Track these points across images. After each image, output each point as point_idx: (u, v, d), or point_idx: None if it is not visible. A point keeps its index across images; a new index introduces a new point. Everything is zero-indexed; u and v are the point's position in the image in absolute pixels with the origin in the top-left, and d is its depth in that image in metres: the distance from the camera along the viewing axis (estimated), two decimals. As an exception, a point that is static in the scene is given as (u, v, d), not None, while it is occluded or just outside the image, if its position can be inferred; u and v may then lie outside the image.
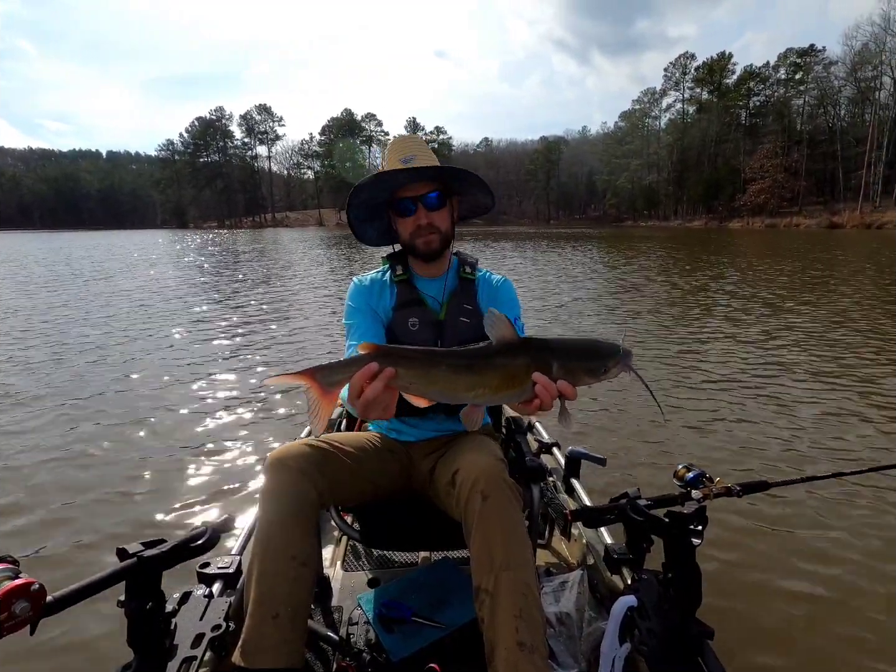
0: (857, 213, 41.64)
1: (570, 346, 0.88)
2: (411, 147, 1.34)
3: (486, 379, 0.85)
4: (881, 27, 44.92)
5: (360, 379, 0.82)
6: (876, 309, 7.44)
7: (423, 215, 1.31)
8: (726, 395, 3.99)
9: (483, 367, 0.85)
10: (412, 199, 1.30)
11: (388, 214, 1.40)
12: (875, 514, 2.39)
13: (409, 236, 1.34)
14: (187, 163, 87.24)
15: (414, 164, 1.29)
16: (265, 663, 0.96)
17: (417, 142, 1.39)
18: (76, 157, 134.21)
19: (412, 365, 0.84)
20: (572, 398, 0.86)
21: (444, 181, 1.34)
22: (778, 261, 15.10)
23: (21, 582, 0.78)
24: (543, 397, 0.85)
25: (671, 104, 70.79)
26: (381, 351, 0.84)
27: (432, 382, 0.85)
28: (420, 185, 1.30)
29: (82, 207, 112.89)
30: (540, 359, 0.85)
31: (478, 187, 1.38)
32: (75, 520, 2.45)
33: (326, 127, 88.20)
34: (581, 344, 0.89)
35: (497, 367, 0.85)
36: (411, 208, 1.31)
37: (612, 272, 13.04)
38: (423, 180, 1.30)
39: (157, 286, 11.08)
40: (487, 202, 1.45)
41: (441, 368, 0.84)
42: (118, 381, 4.57)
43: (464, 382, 0.85)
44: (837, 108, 52.50)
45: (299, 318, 7.43)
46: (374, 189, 1.32)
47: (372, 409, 0.84)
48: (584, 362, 0.86)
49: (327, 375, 0.85)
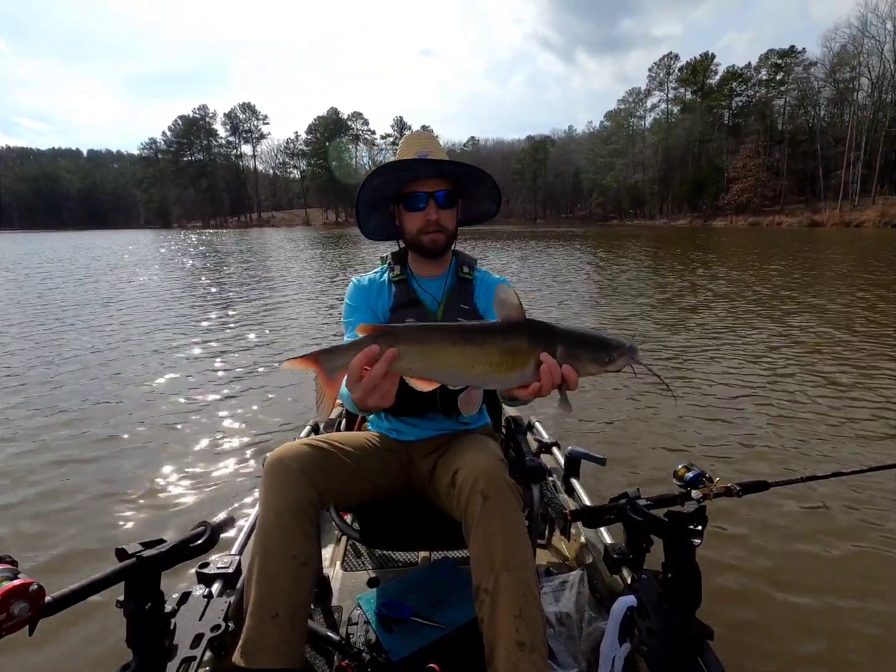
0: (837, 212, 42.36)
1: (577, 333, 0.86)
2: (427, 143, 1.35)
3: (488, 355, 0.82)
4: (858, 29, 45.88)
5: (360, 362, 0.79)
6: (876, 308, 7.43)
7: (433, 211, 1.30)
8: (726, 395, 3.99)
9: (485, 341, 0.82)
10: (425, 194, 1.29)
11: (393, 209, 1.39)
12: (875, 513, 2.39)
13: (416, 231, 1.33)
14: (171, 162, 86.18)
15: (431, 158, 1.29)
16: (265, 663, 0.95)
17: (433, 139, 1.39)
18: (55, 156, 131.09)
19: (413, 340, 0.81)
20: (573, 387, 0.83)
21: (456, 182, 1.34)
22: (767, 260, 15.20)
23: (20, 582, 0.77)
24: (545, 381, 0.81)
25: (656, 104, 71.66)
26: (381, 330, 0.81)
27: (434, 357, 0.82)
28: (433, 182, 1.30)
29: (63, 207, 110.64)
30: (544, 340, 0.82)
31: (487, 194, 1.39)
32: (75, 520, 2.44)
33: (312, 126, 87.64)
34: (588, 333, 0.87)
35: (500, 344, 0.82)
36: (422, 203, 1.30)
37: (602, 272, 13.06)
38: (439, 176, 1.30)
39: (150, 289, 10.93)
40: (491, 210, 1.45)
41: (443, 341, 0.82)
42: (118, 381, 4.55)
43: (465, 356, 0.82)
44: (817, 109, 53.45)
45: (300, 320, 7.41)
46: (389, 176, 1.30)
47: (371, 396, 0.82)
48: (590, 350, 0.84)
49: (329, 360, 0.84)
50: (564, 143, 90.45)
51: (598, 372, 0.85)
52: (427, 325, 0.86)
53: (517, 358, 0.82)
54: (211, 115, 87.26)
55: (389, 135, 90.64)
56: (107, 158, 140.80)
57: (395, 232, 1.45)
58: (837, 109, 50.74)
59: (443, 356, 0.82)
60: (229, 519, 1.17)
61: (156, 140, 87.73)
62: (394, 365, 0.80)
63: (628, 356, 0.83)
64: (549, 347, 0.82)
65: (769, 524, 2.33)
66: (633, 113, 73.97)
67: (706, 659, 1.01)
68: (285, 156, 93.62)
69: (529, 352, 0.82)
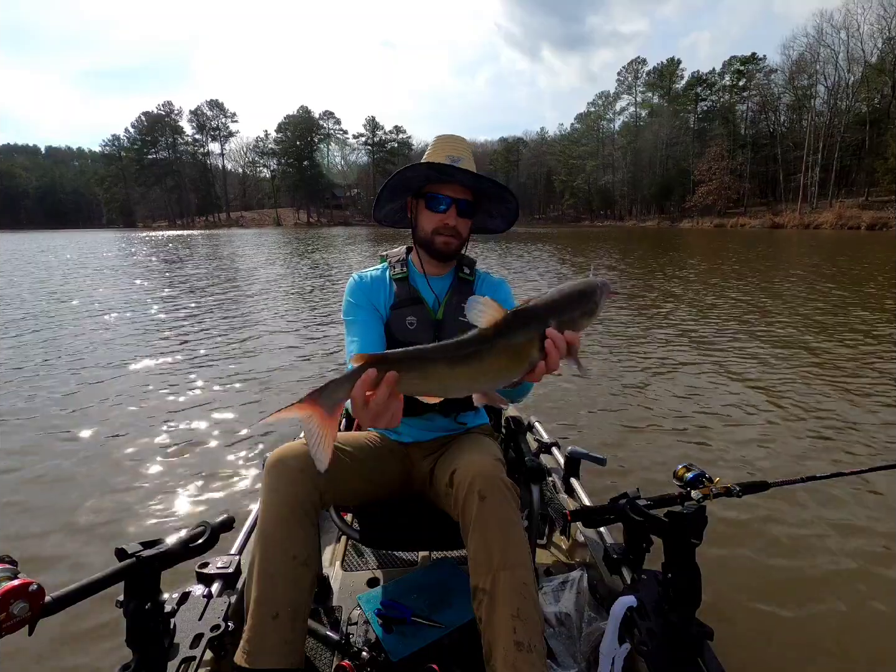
0: (796, 214, 44.02)
1: (556, 299, 0.85)
2: (459, 149, 1.35)
3: (489, 365, 0.81)
4: (815, 38, 47.87)
5: (361, 388, 0.78)
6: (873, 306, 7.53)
7: (452, 217, 1.31)
8: (726, 395, 4.01)
9: (484, 355, 0.81)
10: (450, 199, 1.30)
11: (410, 202, 1.40)
12: (876, 513, 2.40)
13: (431, 231, 1.34)
14: (134, 160, 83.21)
15: (461, 165, 1.30)
16: (266, 663, 0.95)
17: (465, 145, 1.39)
18: (11, 153, 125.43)
19: (410, 367, 0.80)
20: (578, 346, 0.84)
21: (478, 194, 1.35)
22: (754, 258, 15.56)
23: (19, 582, 0.77)
24: (552, 357, 0.81)
25: (624, 107, 73.29)
26: (375, 359, 0.80)
27: (434, 380, 0.81)
28: (459, 189, 1.31)
29: (19, 206, 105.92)
30: (536, 324, 0.82)
31: (504, 213, 1.41)
32: (74, 520, 2.41)
33: (283, 125, 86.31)
34: (563, 293, 0.86)
35: (498, 350, 0.81)
36: (444, 206, 1.31)
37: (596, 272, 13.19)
38: (469, 186, 1.31)
39: (141, 293, 10.59)
40: (500, 228, 1.48)
41: (440, 365, 0.80)
42: (117, 380, 4.48)
43: (467, 375, 0.81)
44: (777, 114, 55.50)
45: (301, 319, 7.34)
46: (421, 173, 1.30)
47: (380, 419, 0.81)
48: (577, 308, 0.85)
49: (328, 397, 0.79)
50: (536, 144, 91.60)
51: (591, 322, 0.88)
52: (422, 350, 0.83)
53: (521, 354, 0.83)
54: (176, 112, 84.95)
55: (362, 134, 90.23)
56: (66, 156, 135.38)
57: (403, 220, 1.46)
58: (796, 115, 52.76)
59: (442, 378, 0.81)
60: (229, 519, 1.16)
61: (118, 137, 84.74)
62: (397, 388, 0.80)
63: (606, 292, 0.87)
64: (544, 327, 0.82)
65: (769, 524, 2.33)
66: (602, 116, 75.42)
67: (706, 659, 1.02)
68: (255, 154, 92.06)
69: (529, 342, 0.82)
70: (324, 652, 1.23)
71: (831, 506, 2.47)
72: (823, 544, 2.20)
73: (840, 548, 2.18)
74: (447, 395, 0.85)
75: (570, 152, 76.20)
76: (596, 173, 71.61)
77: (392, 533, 1.33)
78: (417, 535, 1.35)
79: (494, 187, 1.32)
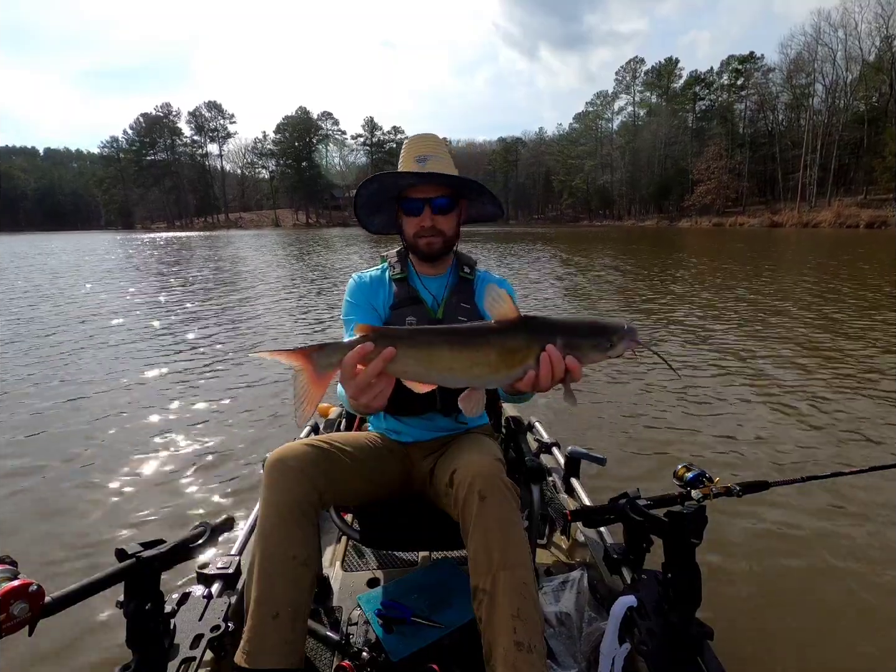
0: (795, 213, 44.04)
1: (574, 322, 0.85)
2: (427, 147, 1.35)
3: (486, 356, 0.81)
4: (813, 37, 47.95)
5: (353, 358, 0.78)
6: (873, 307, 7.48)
7: (427, 218, 1.32)
8: (726, 395, 3.99)
9: (483, 343, 0.81)
10: (421, 201, 1.31)
11: (396, 207, 1.41)
12: (876, 513, 2.40)
13: (413, 236, 1.35)
14: (132, 161, 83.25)
15: (428, 164, 1.30)
16: (266, 664, 0.95)
17: (434, 142, 1.38)
18: (9, 154, 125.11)
19: (410, 343, 0.80)
20: (578, 377, 0.82)
21: (461, 186, 1.35)
22: (751, 259, 15.47)
23: (19, 583, 0.77)
24: (545, 373, 0.80)
25: (623, 107, 73.40)
26: (378, 332, 0.81)
27: (430, 361, 0.81)
28: (431, 188, 1.31)
29: (18, 208, 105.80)
30: (542, 335, 0.82)
31: (487, 197, 1.40)
32: (74, 521, 2.41)
33: (281, 125, 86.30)
34: (585, 320, 0.86)
35: (498, 344, 0.81)
36: (419, 209, 1.32)
37: (596, 272, 13.16)
38: (442, 182, 1.31)
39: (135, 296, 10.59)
40: (496, 213, 1.47)
41: (439, 345, 0.81)
42: (116, 380, 4.49)
43: (463, 359, 0.81)
44: (776, 113, 55.61)
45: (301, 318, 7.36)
46: (384, 183, 1.33)
47: (364, 394, 0.81)
48: (589, 338, 0.83)
49: (324, 356, 0.81)
50: (535, 144, 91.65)
51: (600, 359, 0.84)
52: (424, 329, 0.85)
53: (516, 356, 0.82)
54: (175, 114, 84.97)
55: (361, 135, 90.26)
56: (65, 157, 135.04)
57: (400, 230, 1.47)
58: (794, 114, 52.89)
59: (440, 360, 0.81)
60: (229, 519, 1.16)
61: (117, 138, 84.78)
62: (390, 367, 0.80)
63: (628, 338, 0.82)
64: (547, 341, 0.81)
65: (769, 524, 2.33)
66: (601, 115, 75.52)
67: (706, 659, 1.02)
68: (253, 155, 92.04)
69: (528, 349, 0.82)
70: (324, 652, 1.23)
71: (832, 506, 2.47)
72: (824, 544, 2.20)
73: (840, 548, 2.18)
74: (440, 381, 0.84)
75: (569, 152, 76.31)
76: (594, 173, 71.71)
77: (392, 533, 1.33)
78: (417, 535, 1.34)
79: (458, 181, 1.31)
